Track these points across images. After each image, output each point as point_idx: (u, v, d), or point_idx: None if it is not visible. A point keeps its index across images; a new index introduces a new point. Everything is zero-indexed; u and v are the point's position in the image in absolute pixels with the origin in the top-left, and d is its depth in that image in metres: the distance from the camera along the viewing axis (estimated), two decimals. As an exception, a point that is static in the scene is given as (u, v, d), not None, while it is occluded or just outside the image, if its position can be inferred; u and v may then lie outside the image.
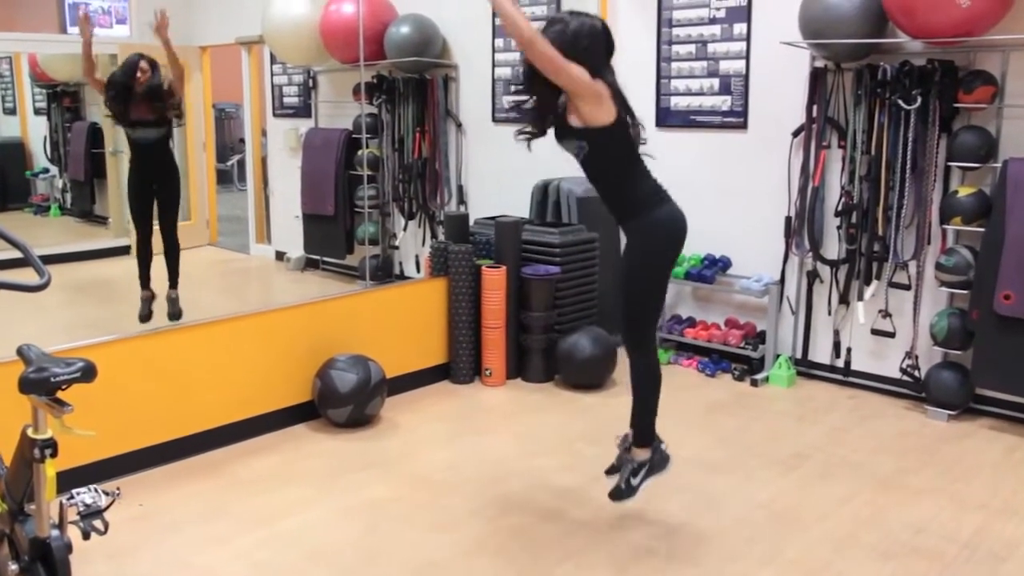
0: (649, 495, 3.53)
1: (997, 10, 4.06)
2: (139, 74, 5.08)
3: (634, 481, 3.16)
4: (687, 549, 3.19)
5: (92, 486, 2.68)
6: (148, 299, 5.38)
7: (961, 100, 4.32)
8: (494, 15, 6.30)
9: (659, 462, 3.21)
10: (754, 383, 5.05)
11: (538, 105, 3.06)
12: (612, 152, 3.07)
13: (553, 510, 3.48)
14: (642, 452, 3.19)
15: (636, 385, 3.19)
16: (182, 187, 7.66)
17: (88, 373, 2.47)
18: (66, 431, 2.53)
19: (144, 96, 5.13)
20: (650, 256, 3.13)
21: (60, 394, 2.47)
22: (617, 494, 3.20)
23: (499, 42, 6.33)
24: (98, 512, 2.61)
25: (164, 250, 5.35)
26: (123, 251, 7.10)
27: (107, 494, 2.66)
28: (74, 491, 2.65)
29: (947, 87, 4.34)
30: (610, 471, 3.40)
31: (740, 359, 5.26)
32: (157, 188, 5.38)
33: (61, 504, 2.64)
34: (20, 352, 2.52)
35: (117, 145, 7.16)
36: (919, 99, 4.41)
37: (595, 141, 3.01)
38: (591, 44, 2.95)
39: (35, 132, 7.53)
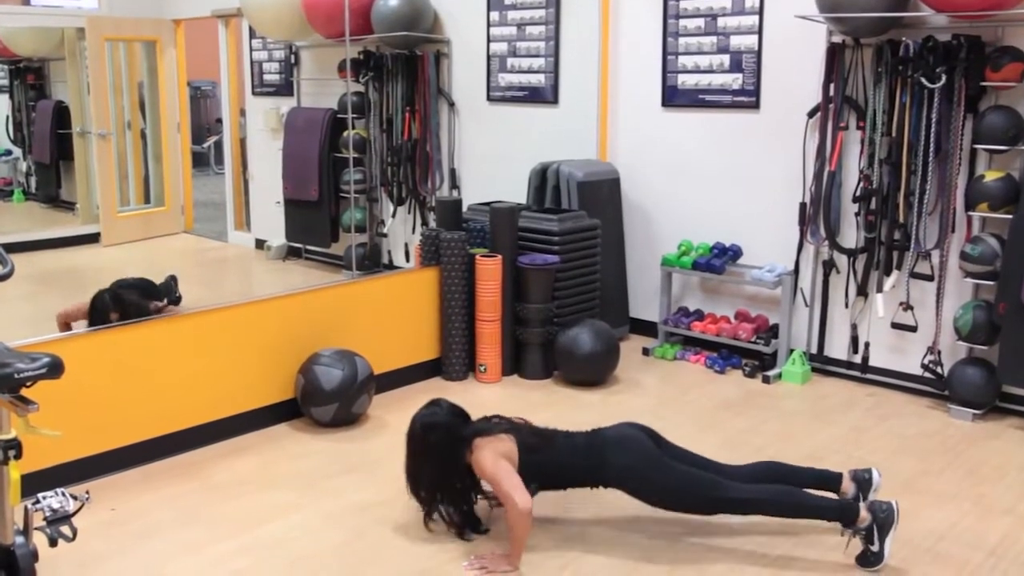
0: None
1: (1027, -18, 4.06)
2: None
3: (873, 548, 3.09)
4: (693, 557, 3.19)
5: (59, 489, 2.68)
6: None
7: (988, 78, 4.31)
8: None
9: (884, 518, 3.09)
10: (766, 380, 5.05)
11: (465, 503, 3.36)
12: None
13: (550, 516, 3.48)
14: (861, 520, 3.10)
15: (776, 513, 3.19)
16: (156, 172, 7.66)
17: (54, 369, 2.47)
18: (31, 431, 2.52)
19: None
20: (632, 471, 3.23)
21: (24, 391, 2.47)
22: (864, 562, 3.12)
23: (494, 15, 6.32)
24: (66, 517, 2.61)
25: None
26: (91, 239, 7.10)
27: (75, 498, 2.66)
28: (40, 495, 2.64)
29: (973, 64, 4.34)
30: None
31: (751, 354, 5.26)
32: None
33: (26, 509, 2.63)
34: (-19, 346, 2.51)
35: (85, 125, 7.15)
36: (943, 77, 4.41)
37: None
38: (436, 439, 3.25)
39: (-4, 111, 7.51)
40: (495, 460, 3.15)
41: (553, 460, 3.26)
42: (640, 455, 3.21)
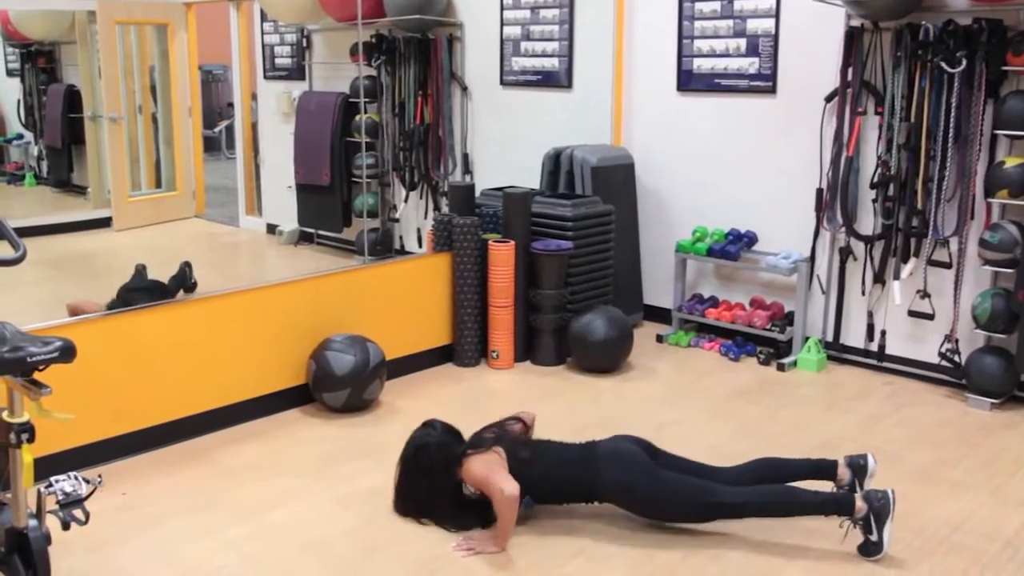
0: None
1: (1050, -36, 4.02)
2: None
3: (872, 537, 3.09)
4: (707, 545, 3.20)
5: (72, 473, 2.70)
6: None
7: (1010, 63, 4.28)
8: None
9: (880, 507, 3.08)
10: (781, 368, 5.05)
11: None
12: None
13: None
14: (858, 510, 3.10)
15: (772, 514, 3.19)
16: (167, 156, 7.67)
17: (67, 353, 2.49)
18: (44, 414, 2.55)
19: None
20: (626, 488, 3.25)
21: (37, 375, 2.48)
22: (865, 551, 3.13)
23: (508, -2, 6.30)
24: (78, 501, 2.63)
25: None
26: (103, 224, 7.12)
27: (88, 482, 2.68)
28: (53, 479, 2.66)
29: (995, 48, 4.30)
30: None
31: (766, 342, 5.25)
32: None
33: (39, 492, 2.66)
34: (-6, 330, 2.53)
35: (97, 109, 7.17)
36: (964, 61, 4.37)
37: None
38: (430, 459, 3.33)
39: (8, 95, 7.53)
40: (483, 463, 3.22)
41: (545, 474, 3.28)
42: (634, 471, 3.22)
